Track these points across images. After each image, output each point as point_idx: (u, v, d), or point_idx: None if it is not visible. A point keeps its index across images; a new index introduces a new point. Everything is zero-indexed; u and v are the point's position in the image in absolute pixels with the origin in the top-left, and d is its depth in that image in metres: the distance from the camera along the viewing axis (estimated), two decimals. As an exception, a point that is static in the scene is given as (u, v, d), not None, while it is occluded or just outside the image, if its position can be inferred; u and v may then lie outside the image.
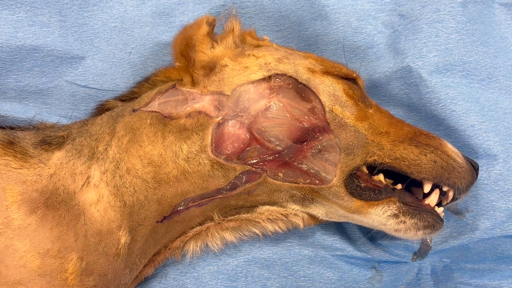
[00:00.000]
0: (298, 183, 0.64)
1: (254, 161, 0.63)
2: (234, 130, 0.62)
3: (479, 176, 0.73)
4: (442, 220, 0.67)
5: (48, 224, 0.55)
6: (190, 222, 0.68)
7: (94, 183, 0.60)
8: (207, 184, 0.63)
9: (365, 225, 0.71)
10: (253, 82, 0.63)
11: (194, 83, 0.67)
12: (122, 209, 0.60)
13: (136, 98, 0.71)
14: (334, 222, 0.73)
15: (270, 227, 0.71)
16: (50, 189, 0.57)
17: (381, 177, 0.66)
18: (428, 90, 0.77)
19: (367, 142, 0.64)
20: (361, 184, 0.65)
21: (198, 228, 0.69)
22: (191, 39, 0.68)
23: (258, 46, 0.71)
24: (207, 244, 0.72)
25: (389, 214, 0.65)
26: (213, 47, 0.69)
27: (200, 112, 0.63)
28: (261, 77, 0.63)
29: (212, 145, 0.62)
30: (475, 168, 0.69)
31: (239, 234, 0.72)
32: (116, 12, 0.81)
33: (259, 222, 0.70)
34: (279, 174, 0.63)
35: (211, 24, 0.69)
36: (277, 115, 0.62)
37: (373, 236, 0.77)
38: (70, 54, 0.79)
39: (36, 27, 0.78)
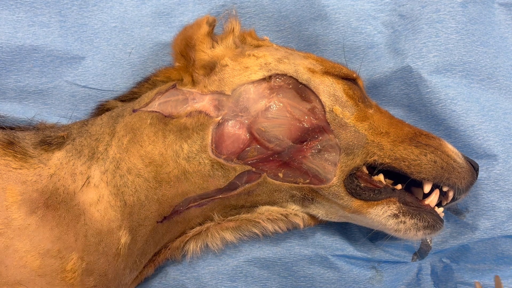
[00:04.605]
0: (298, 183, 0.64)
1: (254, 161, 0.63)
2: (234, 130, 0.62)
3: (479, 176, 0.73)
4: (442, 220, 0.67)
5: (48, 224, 0.55)
6: (190, 222, 0.68)
7: (94, 183, 0.60)
8: (207, 184, 0.63)
9: (365, 225, 0.71)
10: (253, 82, 0.63)
11: (194, 83, 0.67)
12: (123, 209, 0.60)
13: (136, 98, 0.71)
14: (334, 222, 0.73)
15: (270, 227, 0.71)
16: (50, 189, 0.57)
17: (381, 177, 0.66)
18: (428, 90, 0.77)
19: (367, 142, 0.64)
20: (360, 184, 0.65)
21: (198, 228, 0.69)
22: (191, 39, 0.68)
23: (258, 46, 0.71)
24: (207, 244, 0.72)
25: (389, 214, 0.65)
26: (213, 47, 0.69)
27: (200, 112, 0.63)
28: (262, 77, 0.63)
29: (212, 145, 0.62)
30: (475, 168, 0.69)
31: (239, 234, 0.72)
32: (116, 12, 0.81)
33: (259, 222, 0.70)
34: (279, 174, 0.63)
35: (211, 24, 0.69)
36: (277, 115, 0.62)
37: (373, 236, 0.77)
38: (70, 54, 0.79)
39: (36, 27, 0.78)
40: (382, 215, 0.65)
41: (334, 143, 0.63)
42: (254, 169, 0.63)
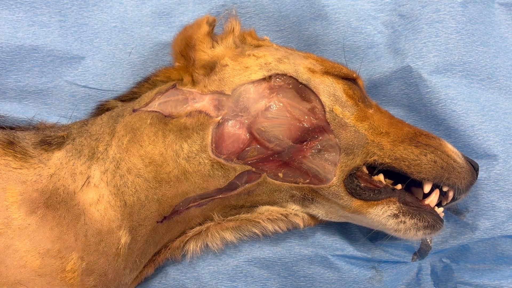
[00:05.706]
0: (298, 183, 0.64)
1: (254, 161, 0.63)
2: (234, 130, 0.62)
3: (479, 176, 0.73)
4: (442, 220, 0.67)
5: (48, 224, 0.55)
6: (190, 222, 0.68)
7: (94, 183, 0.60)
8: (207, 184, 0.63)
9: (365, 225, 0.71)
10: (253, 82, 0.63)
11: (194, 83, 0.67)
12: (123, 209, 0.60)
13: (136, 98, 0.71)
14: (334, 222, 0.73)
15: (270, 227, 0.71)
16: (50, 189, 0.57)
17: (381, 177, 0.66)
18: (428, 90, 0.77)
19: (367, 142, 0.64)
20: (360, 184, 0.65)
21: (198, 228, 0.69)
22: (191, 39, 0.68)
23: (258, 46, 0.71)
24: (207, 244, 0.72)
25: (389, 214, 0.65)
26: (213, 47, 0.69)
27: (200, 112, 0.63)
28: (262, 77, 0.63)
29: (212, 145, 0.62)
30: (475, 168, 0.69)
31: (239, 234, 0.72)
32: (116, 12, 0.81)
33: (259, 222, 0.70)
34: (279, 174, 0.63)
35: (211, 24, 0.69)
36: (277, 115, 0.62)
37: (373, 236, 0.77)
38: (70, 54, 0.79)
39: (36, 27, 0.78)
40: (382, 215, 0.65)
41: (334, 143, 0.63)
42: (254, 169, 0.63)
